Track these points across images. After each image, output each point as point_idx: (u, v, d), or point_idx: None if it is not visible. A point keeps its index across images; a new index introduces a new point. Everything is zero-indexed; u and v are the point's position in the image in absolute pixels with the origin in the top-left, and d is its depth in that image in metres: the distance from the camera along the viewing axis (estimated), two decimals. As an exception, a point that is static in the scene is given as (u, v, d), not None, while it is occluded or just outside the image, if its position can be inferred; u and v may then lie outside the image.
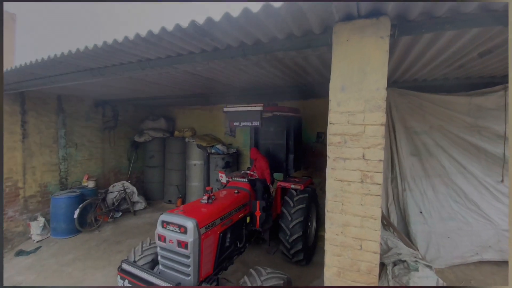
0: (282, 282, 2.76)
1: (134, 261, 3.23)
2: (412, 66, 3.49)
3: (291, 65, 3.56)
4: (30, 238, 5.50)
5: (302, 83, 4.89)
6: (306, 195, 4.57)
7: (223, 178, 4.30)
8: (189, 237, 2.75)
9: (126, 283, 2.83)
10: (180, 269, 2.92)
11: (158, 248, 3.06)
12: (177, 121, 9.16)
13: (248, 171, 4.94)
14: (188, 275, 2.87)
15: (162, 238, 2.94)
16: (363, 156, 1.80)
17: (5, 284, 4.05)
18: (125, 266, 2.92)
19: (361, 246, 1.79)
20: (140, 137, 8.16)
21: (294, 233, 4.19)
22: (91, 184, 6.34)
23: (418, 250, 3.97)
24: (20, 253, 4.97)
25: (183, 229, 2.80)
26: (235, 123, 4.47)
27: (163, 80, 4.36)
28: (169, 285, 2.59)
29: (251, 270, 2.92)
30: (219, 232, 3.27)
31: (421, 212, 4.21)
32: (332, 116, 1.97)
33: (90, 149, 6.96)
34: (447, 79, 4.33)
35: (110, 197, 6.83)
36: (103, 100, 7.09)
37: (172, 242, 2.85)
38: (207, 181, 5.80)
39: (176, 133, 8.47)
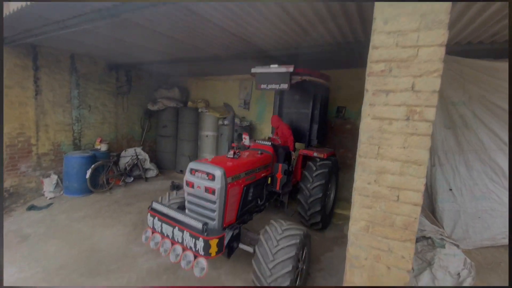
0: (301, 232, 2.81)
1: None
2: (457, 20, 3.00)
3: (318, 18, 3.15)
4: (43, 195, 5.56)
5: (323, 49, 4.50)
6: (329, 162, 4.65)
7: (247, 140, 4.17)
8: (217, 184, 2.84)
9: (156, 221, 2.93)
10: (206, 214, 3.01)
11: (186, 194, 3.18)
12: (191, 92, 8.93)
13: (271, 136, 4.90)
14: (213, 219, 2.96)
15: (190, 184, 3.05)
16: (412, 87, 1.47)
17: (11, 232, 4.11)
18: (155, 206, 3.06)
19: (398, 197, 1.50)
20: (153, 105, 8.02)
21: (314, 194, 4.30)
22: (103, 147, 6.30)
23: (443, 228, 3.65)
24: (32, 207, 5.03)
25: (211, 176, 2.88)
26: (262, 86, 4.35)
27: (183, 34, 4.03)
28: (197, 222, 2.66)
29: (271, 221, 2.97)
30: (243, 185, 3.32)
31: (450, 189, 3.83)
32: (375, 39, 1.62)
33: (103, 113, 6.88)
34: (495, 43, 3.79)
35: (123, 161, 6.81)
36: (116, 64, 6.91)
37: (199, 188, 2.96)
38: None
39: (189, 103, 8.27)
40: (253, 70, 4.43)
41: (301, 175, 4.82)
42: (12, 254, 3.61)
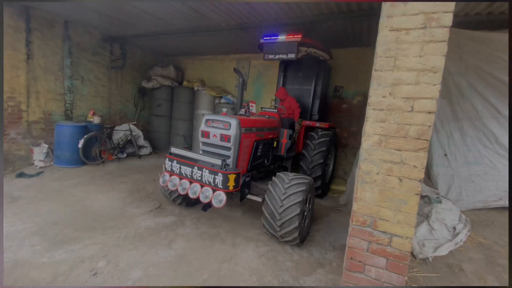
0: (306, 181, 3.01)
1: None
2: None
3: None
4: (32, 163, 5.37)
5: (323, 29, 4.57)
6: (330, 132, 4.88)
7: (254, 108, 4.23)
8: (232, 131, 3.11)
9: (175, 163, 3.16)
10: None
11: (201, 144, 3.43)
12: (186, 72, 8.80)
13: (277, 106, 5.05)
14: (228, 165, 3.10)
15: (205, 134, 3.32)
16: (430, -6, 1.49)
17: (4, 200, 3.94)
18: (174, 150, 3.33)
19: (412, 107, 1.53)
20: (148, 83, 7.86)
21: (315, 160, 4.57)
22: (96, 120, 6.12)
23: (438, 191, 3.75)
24: (21, 175, 4.84)
25: (227, 125, 3.16)
26: (270, 56, 4.53)
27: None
28: (216, 159, 2.91)
29: (278, 173, 3.16)
30: (254, 140, 3.52)
31: (445, 155, 3.94)
32: None
33: (96, 87, 6.69)
34: (491, 14, 3.92)
35: (116, 136, 6.65)
36: (110, 36, 6.73)
37: (215, 137, 3.23)
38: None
39: (185, 83, 8.16)
40: (262, 40, 4.54)
41: (303, 145, 4.97)
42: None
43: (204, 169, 2.91)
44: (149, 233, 3.22)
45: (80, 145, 5.41)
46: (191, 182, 3.01)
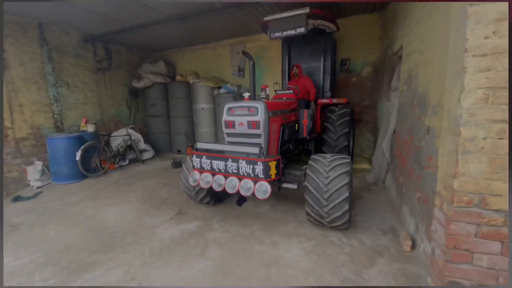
0: (348, 160, 2.77)
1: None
2: None
3: None
4: (28, 184, 4.89)
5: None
6: (348, 109, 4.54)
7: (264, 92, 3.85)
8: (260, 116, 2.81)
9: (204, 159, 2.85)
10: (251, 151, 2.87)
11: (225, 136, 3.14)
12: (178, 66, 8.25)
13: (290, 86, 4.71)
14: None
15: (230, 124, 3.00)
16: None
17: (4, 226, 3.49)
18: (200, 145, 3.01)
19: (527, 45, 1.16)
20: (139, 82, 7.31)
21: (339, 144, 4.26)
22: (90, 128, 5.62)
23: None
24: (17, 198, 4.37)
25: (253, 110, 2.85)
26: (276, 34, 4.16)
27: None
28: (253, 148, 2.62)
29: (313, 156, 2.92)
30: (281, 123, 3.27)
31: None
32: None
33: (84, 92, 6.14)
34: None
35: (114, 143, 6.17)
36: (91, 35, 6.12)
37: (242, 125, 2.92)
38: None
39: (178, 77, 7.63)
40: (266, 18, 4.15)
41: (321, 127, 4.64)
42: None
43: (240, 161, 2.61)
44: (176, 244, 2.85)
45: (77, 157, 4.93)
46: (226, 177, 2.72)
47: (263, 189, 2.46)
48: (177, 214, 3.55)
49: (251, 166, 2.53)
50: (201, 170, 2.89)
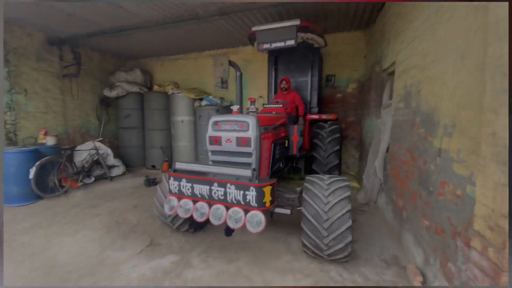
0: (348, 183, 2.45)
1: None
2: None
3: None
4: (-35, 208, 4.05)
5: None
6: (338, 126, 4.39)
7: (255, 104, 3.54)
8: (252, 133, 2.48)
9: (184, 183, 2.40)
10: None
11: (210, 154, 2.79)
12: (155, 75, 7.76)
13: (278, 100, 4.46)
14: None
15: (215, 140, 2.67)
16: None
17: None
18: (179, 166, 2.58)
19: None
20: (111, 91, 6.71)
21: (330, 163, 4.10)
22: (50, 141, 4.92)
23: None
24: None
25: (243, 125, 2.52)
26: (265, 45, 3.97)
27: None
28: (244, 170, 2.24)
29: (308, 177, 2.60)
30: (272, 141, 3.00)
31: None
32: None
33: (46, 100, 5.44)
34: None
35: (79, 158, 5.46)
36: (58, 38, 5.52)
37: (230, 142, 2.58)
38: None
39: (155, 87, 7.14)
40: (254, 28, 3.98)
41: (310, 144, 4.41)
42: None
43: (228, 185, 2.20)
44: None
45: (31, 175, 4.22)
46: (210, 204, 2.30)
47: (256, 220, 2.08)
48: (148, 245, 3.02)
49: (242, 192, 2.15)
50: (180, 195, 2.45)
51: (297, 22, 3.73)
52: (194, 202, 2.37)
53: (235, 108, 2.79)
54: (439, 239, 2.02)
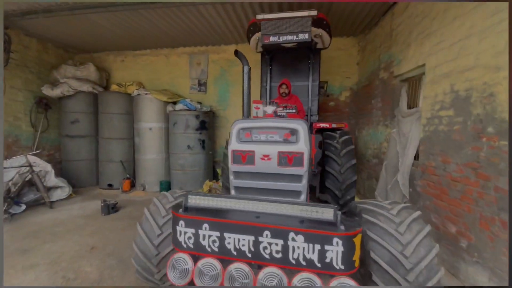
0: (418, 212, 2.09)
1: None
2: None
3: None
4: None
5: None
6: (350, 136, 3.77)
7: (260, 110, 2.67)
8: (303, 145, 1.67)
9: (207, 231, 1.46)
10: None
11: (233, 177, 1.87)
12: (113, 73, 6.42)
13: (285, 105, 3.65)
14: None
15: (243, 157, 1.78)
16: None
17: None
18: (193, 199, 1.57)
19: None
20: (53, 89, 5.21)
21: (347, 179, 3.41)
22: (-47, 155, 3.34)
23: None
24: None
25: (289, 135, 1.70)
26: (272, 38, 3.27)
27: None
28: (323, 207, 1.39)
29: (362, 205, 1.87)
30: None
31: None
32: None
33: (-51, 96, 3.79)
34: None
35: (4, 178, 3.88)
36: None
37: (269, 159, 1.72)
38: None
39: (114, 87, 5.84)
40: (259, 16, 3.32)
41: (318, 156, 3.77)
42: None
43: (292, 234, 1.35)
44: None
45: None
46: (258, 267, 1.44)
47: None
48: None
49: (318, 247, 1.32)
50: (197, 251, 1.51)
51: (314, 12, 3.15)
52: (222, 261, 1.45)
53: (269, 110, 2.00)
54: None
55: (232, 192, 1.89)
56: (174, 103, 5.51)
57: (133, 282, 2.40)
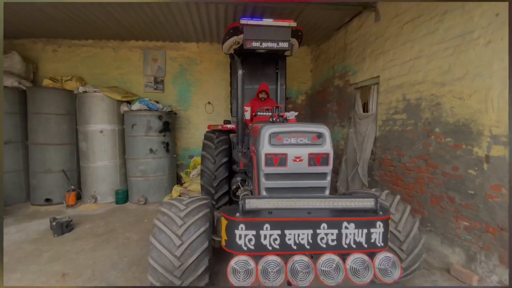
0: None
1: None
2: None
3: None
4: None
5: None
6: None
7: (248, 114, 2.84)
8: (328, 147, 1.96)
9: (268, 231, 1.58)
10: None
11: (264, 179, 1.97)
12: (42, 65, 5.34)
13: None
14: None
15: (275, 159, 1.93)
16: None
17: None
18: (254, 203, 1.63)
19: None
20: (-42, 82, 3.98)
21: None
22: None
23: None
24: None
25: (316, 138, 1.96)
26: (254, 43, 3.41)
27: None
28: (365, 199, 1.70)
29: None
30: None
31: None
32: None
33: None
34: None
35: None
36: None
37: (301, 160, 1.93)
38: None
39: (46, 81, 4.90)
40: (243, 21, 3.40)
41: None
42: None
43: (345, 223, 1.60)
44: None
45: None
46: (313, 256, 1.63)
47: (391, 262, 1.60)
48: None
49: (364, 231, 1.61)
50: (258, 252, 1.58)
51: (294, 24, 3.45)
52: (284, 256, 1.57)
53: (292, 115, 2.17)
54: (493, 238, 2.25)
55: (263, 193, 2.00)
56: (129, 102, 4.99)
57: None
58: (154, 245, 1.94)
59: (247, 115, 3.88)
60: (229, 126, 3.98)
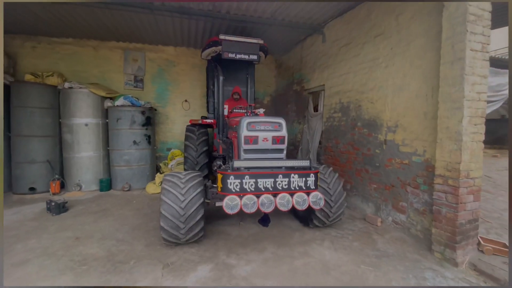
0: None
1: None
2: None
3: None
4: None
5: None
6: None
7: (259, 110, 3.84)
8: (284, 132, 2.98)
9: (247, 179, 2.53)
10: None
11: (243, 152, 2.95)
12: (21, 61, 5.53)
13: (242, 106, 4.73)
14: None
15: (250, 139, 2.90)
16: None
17: None
18: (238, 163, 2.62)
19: None
20: None
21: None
22: None
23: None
24: None
25: (277, 126, 2.96)
26: (230, 54, 4.33)
27: None
28: (303, 161, 2.81)
29: None
30: None
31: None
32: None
33: None
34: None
35: None
36: None
37: (266, 141, 2.92)
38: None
39: (28, 77, 5.18)
40: (221, 36, 4.26)
41: None
42: None
43: (292, 175, 2.63)
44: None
45: None
46: (274, 195, 2.60)
47: (318, 198, 2.66)
48: (164, 267, 2.62)
49: (304, 179, 2.65)
50: (241, 192, 2.52)
51: (261, 41, 4.42)
52: (257, 196, 2.54)
53: (261, 111, 3.13)
54: (388, 193, 3.50)
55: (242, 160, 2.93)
56: (111, 98, 5.48)
57: (144, 250, 2.94)
58: (165, 201, 2.74)
59: (225, 111, 4.74)
60: (208, 120, 4.80)
